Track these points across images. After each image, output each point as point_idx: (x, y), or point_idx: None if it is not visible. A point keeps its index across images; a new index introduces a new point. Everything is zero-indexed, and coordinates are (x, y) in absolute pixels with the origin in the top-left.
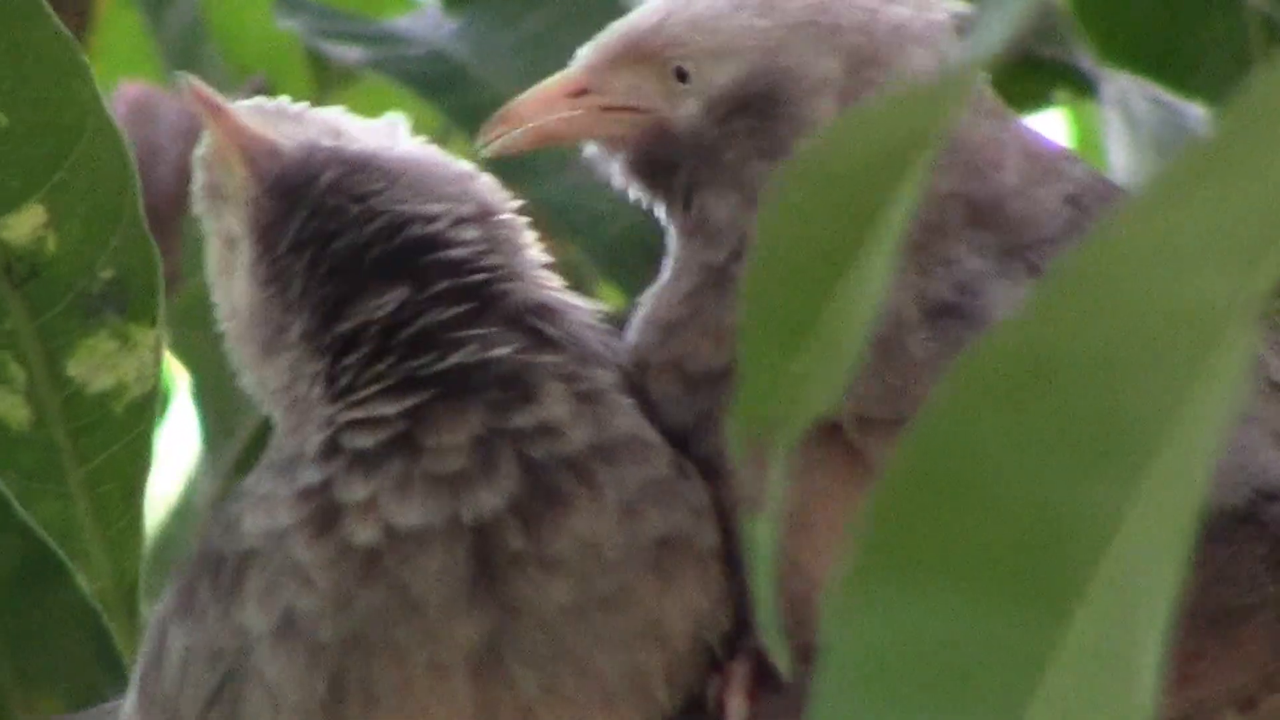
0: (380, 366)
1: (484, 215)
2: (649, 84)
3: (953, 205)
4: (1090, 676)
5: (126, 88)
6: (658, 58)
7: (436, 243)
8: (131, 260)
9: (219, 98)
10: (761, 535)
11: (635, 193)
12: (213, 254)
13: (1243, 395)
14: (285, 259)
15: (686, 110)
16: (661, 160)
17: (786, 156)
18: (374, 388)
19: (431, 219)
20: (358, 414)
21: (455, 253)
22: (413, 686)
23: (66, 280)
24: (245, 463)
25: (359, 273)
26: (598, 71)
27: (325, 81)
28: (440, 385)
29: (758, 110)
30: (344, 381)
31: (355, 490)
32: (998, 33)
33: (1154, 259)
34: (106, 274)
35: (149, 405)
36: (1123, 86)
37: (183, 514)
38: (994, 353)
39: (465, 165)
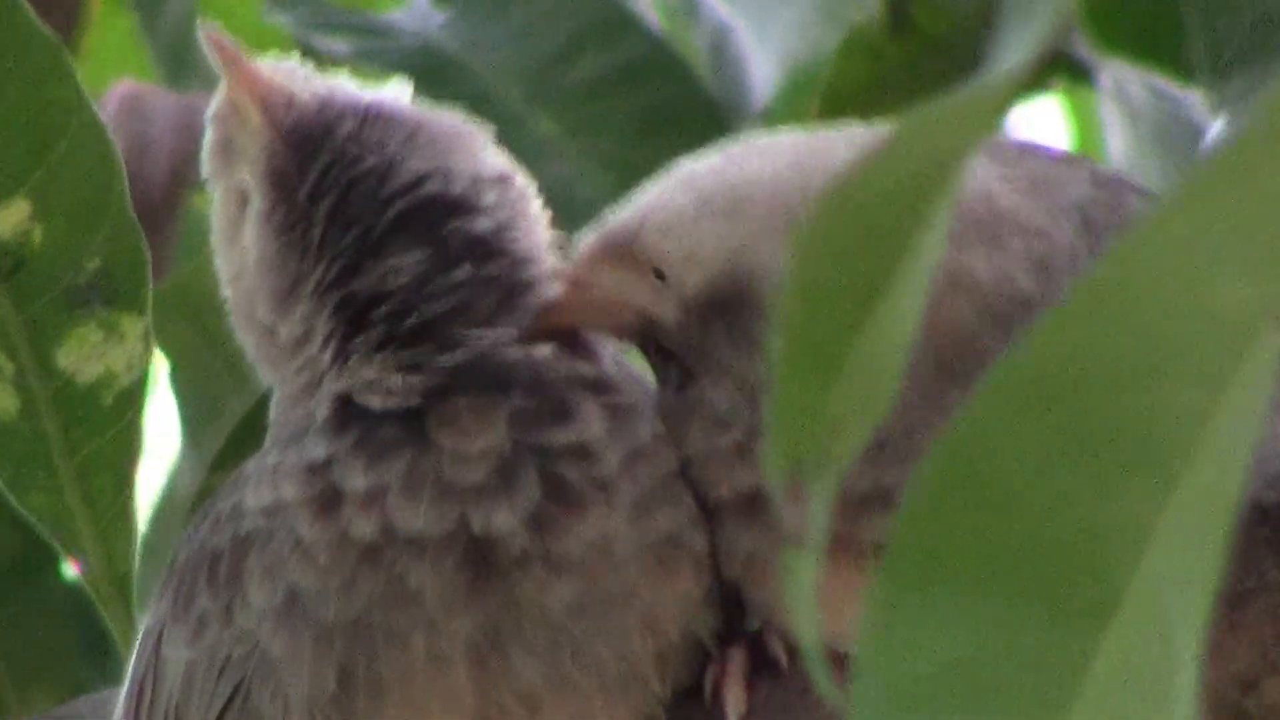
0: (395, 342)
1: (502, 179)
2: (635, 280)
3: None
4: (1128, 689)
5: (119, 85)
6: (637, 259)
7: (458, 204)
8: (118, 251)
9: (237, 48)
10: (803, 570)
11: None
12: (219, 215)
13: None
14: (302, 207)
15: (669, 308)
16: (658, 348)
17: (760, 348)
18: (389, 360)
19: (451, 175)
20: (370, 376)
21: (479, 224)
22: (414, 675)
23: (53, 272)
24: (227, 454)
25: (378, 227)
26: (588, 266)
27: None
28: (461, 377)
29: (732, 309)
30: (357, 345)
31: (356, 479)
32: (1024, 50)
33: (1180, 265)
34: (93, 265)
35: (138, 394)
36: (1120, 75)
37: (165, 505)
38: (1022, 362)
39: (477, 128)
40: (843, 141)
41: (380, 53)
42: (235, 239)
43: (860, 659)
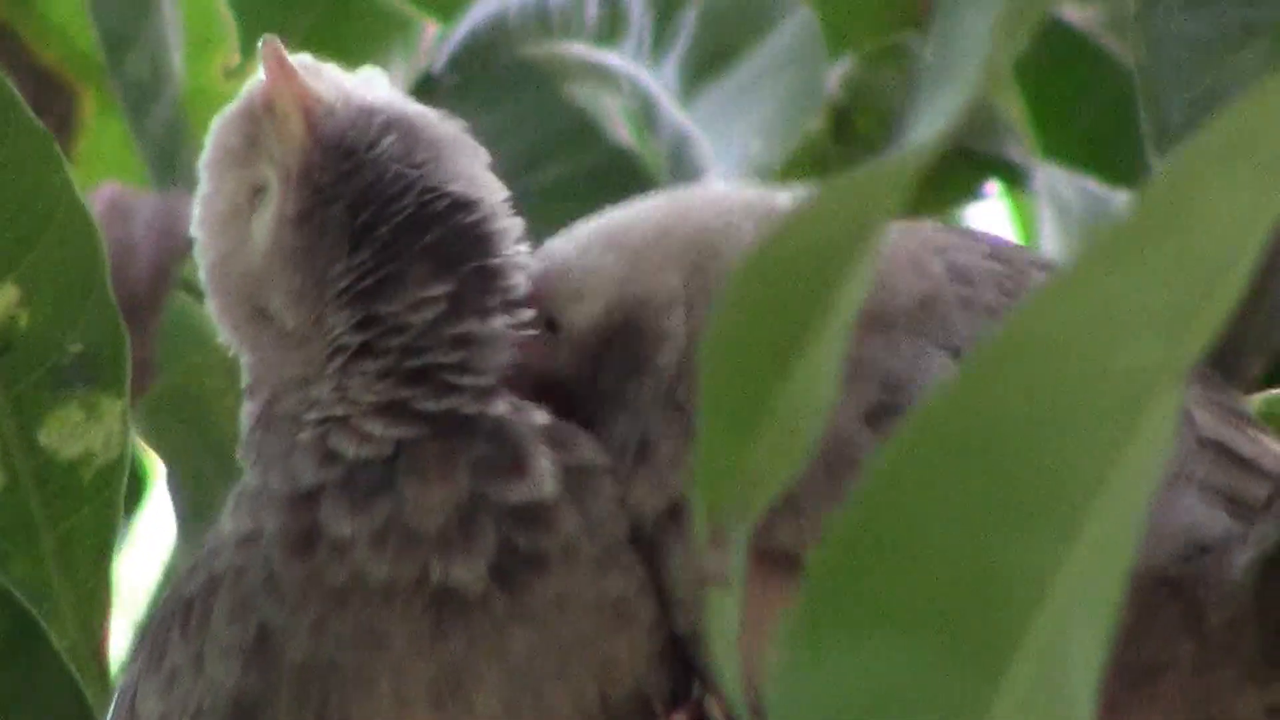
0: (391, 377)
1: (506, 201)
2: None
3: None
4: None
5: (103, 188)
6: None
7: (479, 237)
8: (99, 335)
9: (288, 56)
10: (725, 610)
11: None
12: (217, 197)
13: (1171, 455)
14: (336, 215)
15: (563, 356)
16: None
17: (652, 371)
18: (374, 398)
19: (473, 205)
20: (352, 417)
21: (494, 262)
22: (380, 717)
23: (38, 354)
24: None
25: (412, 251)
26: None
27: None
28: (437, 425)
29: (621, 337)
30: (366, 368)
31: (342, 525)
32: (933, 128)
33: (1085, 326)
34: (76, 348)
35: (116, 472)
36: (1052, 177)
37: (160, 593)
38: (930, 417)
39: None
40: (722, 191)
41: None
42: (234, 224)
43: (773, 697)
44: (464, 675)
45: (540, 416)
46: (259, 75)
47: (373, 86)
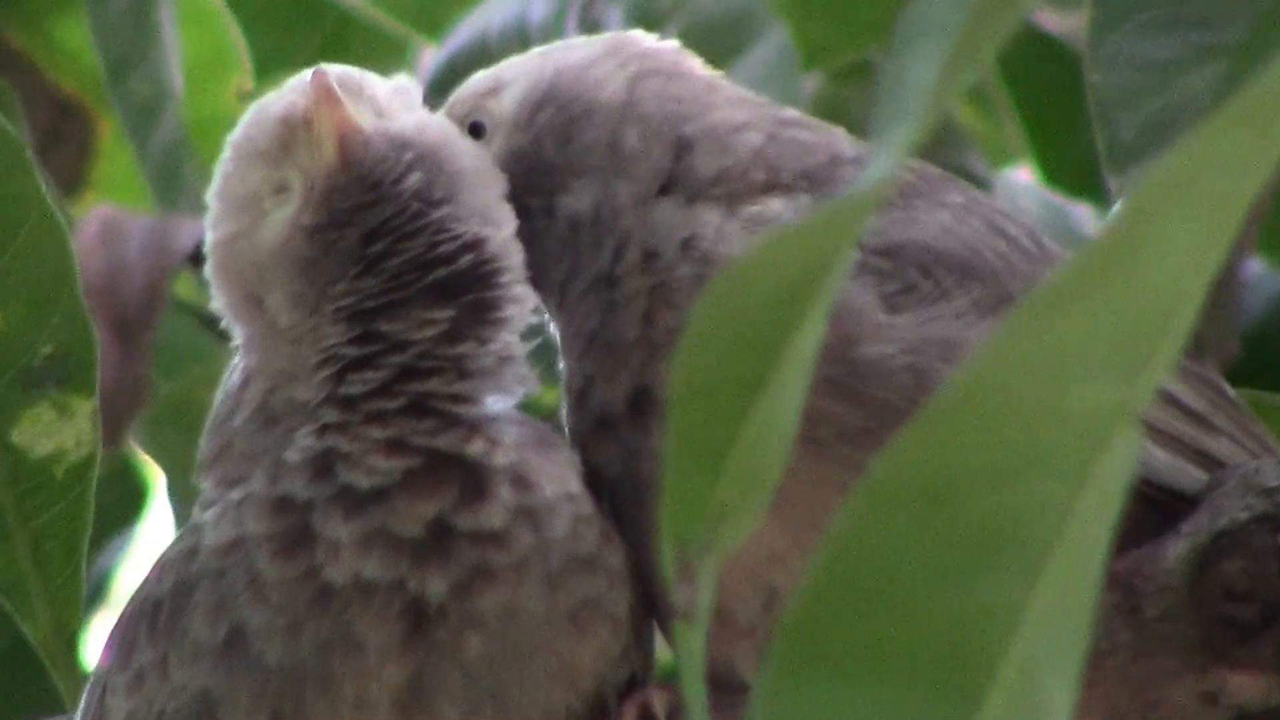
0: (389, 397)
1: (514, 233)
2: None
3: None
4: None
5: (96, 210)
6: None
7: (482, 275)
8: (70, 337)
9: (335, 84)
10: (691, 643)
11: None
12: (239, 178)
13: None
14: (350, 238)
15: (497, 148)
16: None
17: (591, 139)
18: (381, 434)
19: (481, 244)
20: (351, 445)
21: (492, 294)
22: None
23: (11, 356)
24: None
25: (414, 285)
26: None
27: None
28: (428, 455)
29: (548, 105)
30: (357, 382)
31: (336, 529)
32: (890, 162)
33: (1040, 370)
34: (47, 350)
35: (87, 469)
36: (1013, 188)
37: None
38: (894, 467)
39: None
40: None
41: None
42: (250, 209)
43: None
44: (425, 680)
45: (512, 455)
46: (303, 81)
47: (407, 102)
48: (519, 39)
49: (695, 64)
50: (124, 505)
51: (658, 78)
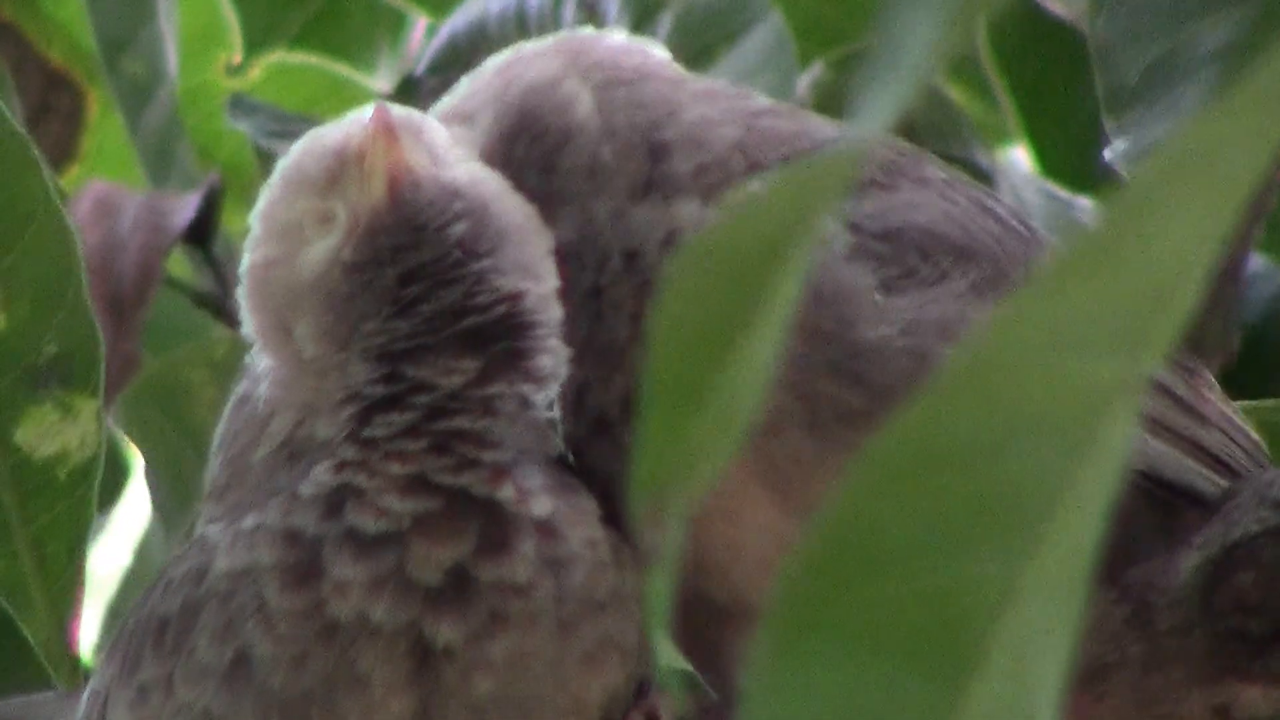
0: (416, 437)
1: (554, 292)
2: None
3: None
4: None
5: (91, 185)
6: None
7: (515, 326)
8: (75, 337)
9: (397, 123)
10: (659, 586)
11: None
12: (281, 212)
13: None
14: (386, 275)
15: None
16: None
17: (570, 165)
18: (399, 471)
19: (518, 298)
20: (368, 483)
21: (524, 344)
22: None
23: (15, 356)
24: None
25: (446, 331)
26: None
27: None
28: (447, 497)
29: (523, 136)
30: (382, 423)
31: (345, 569)
32: (879, 116)
33: (1043, 344)
34: (51, 350)
35: (90, 470)
36: (1015, 180)
37: (133, 577)
38: (894, 440)
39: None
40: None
41: None
42: (291, 237)
43: (746, 703)
44: (431, 715)
45: (541, 504)
46: (362, 117)
47: (463, 153)
48: (517, 22)
49: (655, 60)
50: (104, 487)
51: (621, 87)
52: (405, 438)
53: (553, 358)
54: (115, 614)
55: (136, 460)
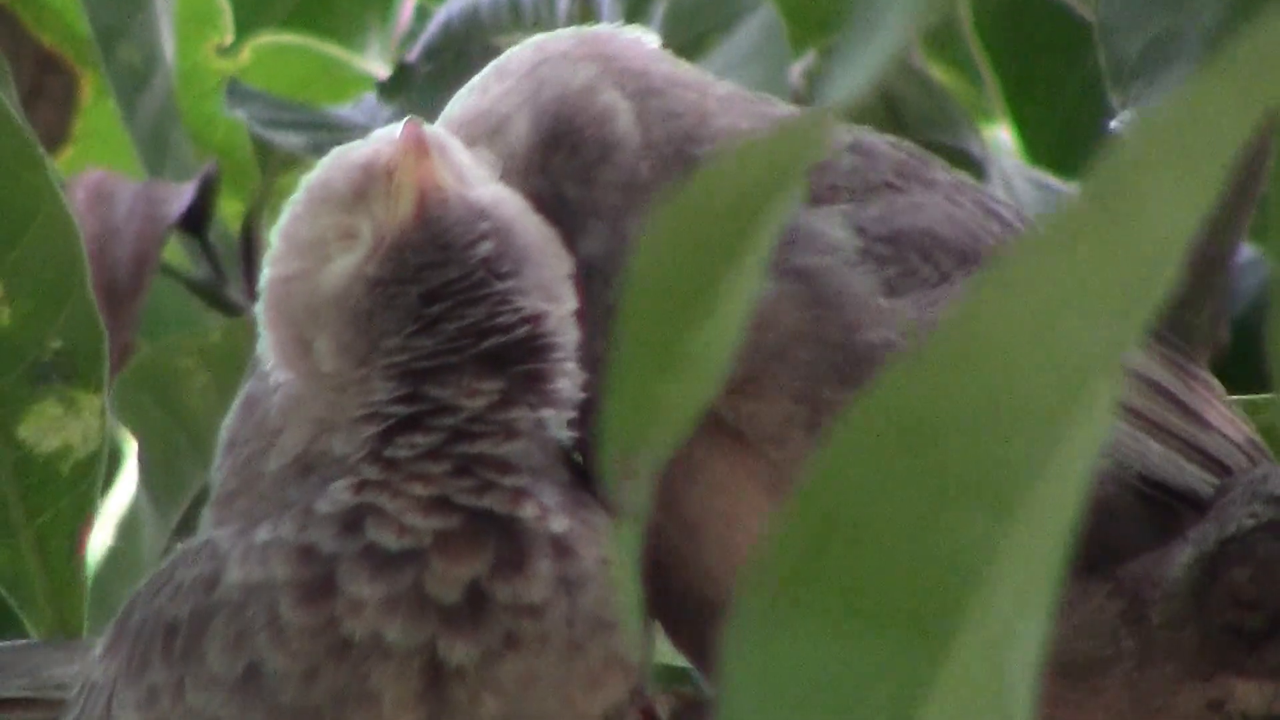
0: (439, 459)
1: (572, 315)
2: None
3: None
4: (968, 705)
5: (87, 174)
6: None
7: (535, 348)
8: (78, 333)
9: (430, 142)
10: (628, 541)
11: None
12: (305, 229)
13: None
14: (410, 293)
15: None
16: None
17: (609, 179)
18: (423, 491)
19: (539, 319)
20: (391, 503)
21: (543, 366)
22: None
23: (19, 350)
24: (189, 518)
25: (468, 351)
26: None
27: (269, 165)
28: (468, 516)
29: (562, 146)
30: (405, 445)
31: (361, 587)
32: (858, 77)
33: (1027, 314)
34: (55, 345)
35: (94, 466)
36: (1007, 169)
37: (122, 564)
38: (876, 407)
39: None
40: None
41: (329, 145)
42: (314, 252)
43: (727, 673)
44: None
45: (559, 523)
46: (391, 133)
47: (486, 174)
48: (511, 9)
49: (678, 66)
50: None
51: (655, 97)
52: (428, 460)
53: (570, 381)
54: (101, 592)
55: (130, 447)
